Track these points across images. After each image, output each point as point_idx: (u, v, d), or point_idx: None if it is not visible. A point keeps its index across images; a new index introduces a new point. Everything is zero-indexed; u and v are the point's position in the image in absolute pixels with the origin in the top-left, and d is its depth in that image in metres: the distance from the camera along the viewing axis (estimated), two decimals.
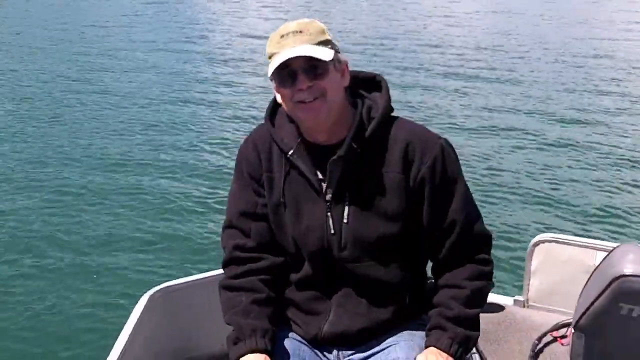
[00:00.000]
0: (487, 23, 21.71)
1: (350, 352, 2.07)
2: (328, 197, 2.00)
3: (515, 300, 3.25)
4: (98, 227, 6.64)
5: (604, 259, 2.42)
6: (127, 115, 10.68)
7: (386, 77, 2.08)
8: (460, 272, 2.03)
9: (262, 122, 2.11)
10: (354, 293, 2.04)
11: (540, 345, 2.95)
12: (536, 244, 3.14)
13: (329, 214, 2.00)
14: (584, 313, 2.32)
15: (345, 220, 1.99)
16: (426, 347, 1.97)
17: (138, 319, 2.59)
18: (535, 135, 9.79)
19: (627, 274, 2.20)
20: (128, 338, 2.51)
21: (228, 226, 2.11)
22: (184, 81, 13.11)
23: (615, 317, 2.25)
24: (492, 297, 3.21)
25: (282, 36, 1.90)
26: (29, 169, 8.10)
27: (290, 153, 2.00)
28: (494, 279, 3.09)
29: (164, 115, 10.61)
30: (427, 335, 2.01)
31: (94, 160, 8.48)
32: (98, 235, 6.49)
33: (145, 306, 2.65)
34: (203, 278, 2.81)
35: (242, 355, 1.91)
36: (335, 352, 2.07)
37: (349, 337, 2.05)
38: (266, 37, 2.02)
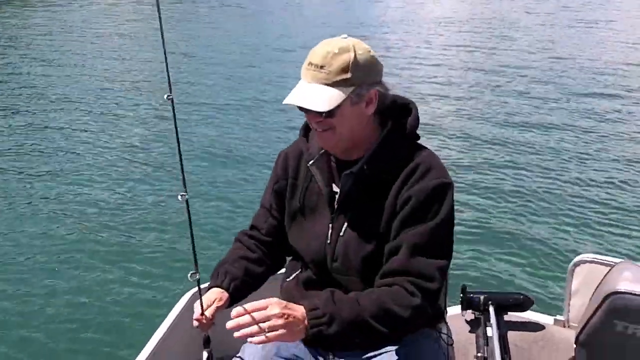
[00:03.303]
0: None
1: (344, 355, 2.12)
2: (335, 208, 2.10)
3: (555, 320, 3.24)
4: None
5: (604, 275, 2.40)
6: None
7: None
8: (384, 288, 1.96)
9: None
10: None
11: None
12: (577, 264, 3.12)
13: (330, 225, 2.12)
14: (582, 329, 2.31)
15: (341, 234, 2.09)
16: None
17: None
18: (578, 151, 9.54)
19: (620, 290, 2.19)
20: None
21: (259, 207, 2.37)
22: None
23: (611, 333, 2.23)
24: (533, 316, 3.23)
25: (309, 63, 1.97)
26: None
27: (310, 163, 2.15)
28: (533, 297, 3.09)
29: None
30: None
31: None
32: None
33: None
34: None
35: (208, 289, 2.18)
36: (331, 355, 2.16)
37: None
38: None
